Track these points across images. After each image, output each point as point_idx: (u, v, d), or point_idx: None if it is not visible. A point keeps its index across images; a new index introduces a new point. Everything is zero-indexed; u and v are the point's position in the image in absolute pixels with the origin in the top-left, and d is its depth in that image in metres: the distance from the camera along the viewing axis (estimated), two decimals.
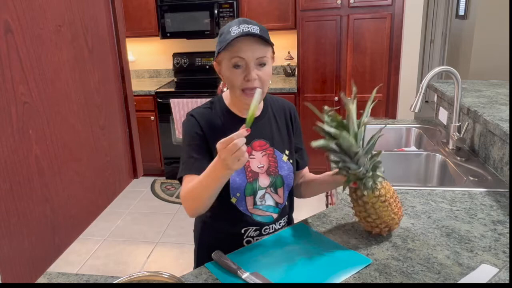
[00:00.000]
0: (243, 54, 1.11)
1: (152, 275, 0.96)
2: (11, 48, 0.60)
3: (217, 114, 1.23)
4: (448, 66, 1.78)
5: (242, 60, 1.12)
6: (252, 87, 1.13)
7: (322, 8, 3.49)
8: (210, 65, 4.20)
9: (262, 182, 1.23)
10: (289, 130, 1.31)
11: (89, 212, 0.81)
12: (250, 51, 1.11)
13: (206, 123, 1.21)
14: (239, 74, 1.13)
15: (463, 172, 1.63)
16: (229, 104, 1.25)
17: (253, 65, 1.12)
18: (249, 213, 1.24)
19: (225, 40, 1.11)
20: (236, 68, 1.13)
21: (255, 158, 1.23)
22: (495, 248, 1.11)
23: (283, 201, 1.29)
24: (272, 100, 1.32)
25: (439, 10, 6.09)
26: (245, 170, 1.21)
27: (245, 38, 1.10)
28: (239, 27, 1.10)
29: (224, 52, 1.13)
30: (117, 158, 0.92)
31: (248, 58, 1.12)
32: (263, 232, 1.27)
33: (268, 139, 1.25)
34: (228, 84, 1.18)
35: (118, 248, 3.03)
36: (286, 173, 1.26)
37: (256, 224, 1.25)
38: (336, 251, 1.12)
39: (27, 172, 0.63)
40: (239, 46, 1.11)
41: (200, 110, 1.25)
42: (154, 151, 4.07)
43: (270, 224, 1.27)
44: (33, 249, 0.65)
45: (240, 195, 1.21)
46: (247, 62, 1.12)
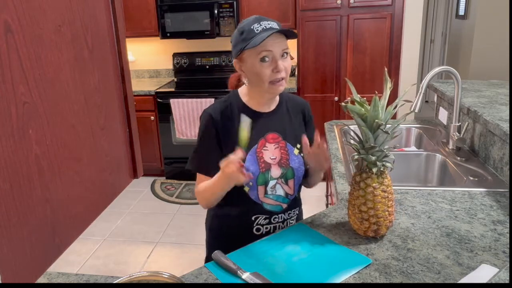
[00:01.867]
0: (271, 47, 1.19)
1: (152, 275, 0.96)
2: (11, 48, 0.60)
3: (233, 109, 1.29)
4: (448, 66, 1.77)
5: (270, 53, 1.19)
6: (280, 77, 1.21)
7: (322, 8, 3.49)
8: (210, 65, 4.20)
9: (274, 173, 1.30)
10: (302, 127, 1.39)
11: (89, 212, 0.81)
12: (277, 44, 1.19)
13: (221, 119, 1.28)
14: (267, 67, 1.20)
15: (463, 172, 1.63)
16: (246, 100, 1.31)
17: (279, 57, 1.21)
18: (259, 201, 1.31)
19: (250, 37, 1.18)
20: (263, 61, 1.20)
21: (268, 150, 1.30)
22: (495, 248, 1.11)
23: (293, 192, 1.35)
24: (288, 97, 1.39)
25: (439, 10, 6.09)
26: (259, 160, 1.28)
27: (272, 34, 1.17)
28: (260, 24, 1.19)
29: (249, 48, 1.19)
30: (117, 158, 0.92)
31: (276, 50, 1.19)
32: (273, 220, 1.33)
33: (281, 133, 1.32)
34: (254, 79, 1.24)
35: (118, 248, 3.03)
36: (297, 165, 1.33)
37: (266, 213, 1.32)
38: (336, 251, 1.12)
39: (27, 172, 0.63)
40: (266, 41, 1.17)
41: (216, 106, 1.32)
42: (154, 151, 4.07)
43: (279, 214, 1.33)
44: (33, 249, 0.65)
45: (252, 184, 1.29)
46: (274, 54, 1.20)
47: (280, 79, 1.22)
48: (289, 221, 1.37)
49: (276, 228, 1.35)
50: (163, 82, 4.24)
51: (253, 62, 1.21)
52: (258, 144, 1.29)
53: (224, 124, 1.28)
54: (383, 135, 1.10)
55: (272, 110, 1.33)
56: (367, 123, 1.11)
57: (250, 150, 1.27)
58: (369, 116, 1.09)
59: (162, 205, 3.67)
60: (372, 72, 3.53)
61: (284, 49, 1.21)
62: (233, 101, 1.31)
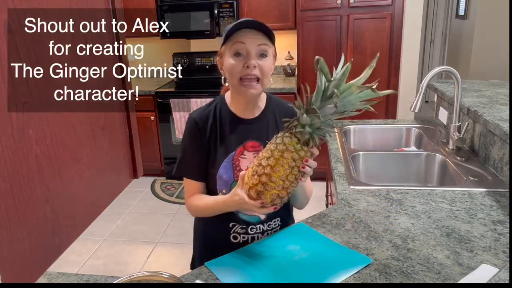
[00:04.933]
0: (244, 40, 1.12)
1: (152, 275, 0.96)
2: (11, 48, 0.60)
3: (217, 114, 1.25)
4: (448, 66, 1.77)
5: (243, 46, 1.13)
6: (251, 74, 1.13)
7: (322, 8, 3.48)
8: (210, 65, 4.20)
9: None
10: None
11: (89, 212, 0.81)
12: (251, 37, 1.13)
13: (205, 124, 1.23)
14: (239, 61, 1.14)
15: (463, 172, 1.63)
16: (230, 104, 1.26)
17: (254, 53, 1.14)
18: (235, 211, 1.24)
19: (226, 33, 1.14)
20: (237, 56, 1.14)
21: (246, 158, 1.24)
22: (495, 248, 1.11)
23: None
24: (276, 103, 1.30)
25: (439, 10, 6.09)
26: (234, 168, 1.23)
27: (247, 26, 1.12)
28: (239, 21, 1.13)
29: (226, 43, 1.15)
30: (117, 158, 0.92)
31: (250, 44, 1.13)
32: (250, 231, 1.26)
33: (261, 141, 1.25)
34: (228, 76, 1.19)
35: (118, 248, 3.03)
36: None
37: (242, 222, 1.26)
38: (336, 251, 1.12)
39: (27, 172, 0.63)
40: (241, 33, 1.12)
41: (200, 111, 1.27)
42: (154, 151, 4.07)
43: (257, 224, 1.26)
44: (33, 249, 0.65)
45: (226, 192, 1.23)
46: (248, 49, 1.13)
47: (251, 78, 1.14)
48: (269, 232, 1.29)
49: (254, 238, 1.27)
50: (163, 82, 4.24)
51: (228, 56, 1.16)
52: (236, 151, 1.23)
53: (209, 128, 1.24)
54: (332, 107, 0.99)
55: (256, 116, 1.25)
56: (324, 88, 1.01)
57: (227, 156, 1.22)
58: (332, 83, 1.00)
59: (162, 205, 3.67)
60: (372, 72, 3.52)
61: (261, 44, 1.13)
62: (219, 106, 1.26)
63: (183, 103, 3.74)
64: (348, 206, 1.38)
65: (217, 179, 1.22)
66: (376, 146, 2.28)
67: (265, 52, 1.15)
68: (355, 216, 1.31)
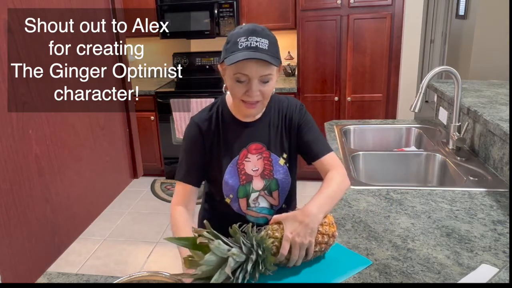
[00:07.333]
0: (247, 71, 1.09)
1: (152, 275, 0.96)
2: (11, 48, 0.60)
3: (219, 118, 1.25)
4: (448, 66, 1.77)
5: (245, 76, 1.10)
6: (252, 101, 1.13)
7: (322, 8, 3.48)
8: (210, 65, 4.20)
9: (255, 185, 1.25)
10: (291, 133, 1.28)
11: (89, 212, 0.81)
12: (255, 69, 1.09)
13: (207, 129, 1.24)
14: (241, 87, 1.12)
15: (463, 172, 1.63)
16: (231, 107, 1.26)
17: (257, 82, 1.11)
18: (243, 213, 1.27)
19: (231, 51, 1.09)
20: (238, 82, 1.11)
21: (250, 161, 1.24)
22: (495, 248, 1.11)
23: (279, 203, 1.29)
24: (277, 102, 1.29)
25: (439, 10, 6.09)
26: (239, 173, 1.24)
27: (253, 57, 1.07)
28: (247, 40, 1.08)
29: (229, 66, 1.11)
30: (117, 158, 0.92)
31: (252, 75, 1.09)
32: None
33: (264, 143, 1.25)
34: (230, 90, 1.17)
35: (118, 248, 3.03)
36: (282, 176, 1.26)
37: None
38: (336, 252, 1.12)
39: (27, 172, 0.63)
40: (244, 63, 1.07)
41: (202, 115, 1.26)
42: (154, 151, 4.07)
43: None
44: (33, 249, 0.65)
45: (233, 197, 1.25)
46: (250, 78, 1.10)
47: (252, 102, 1.13)
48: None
49: None
50: (163, 82, 4.24)
51: (229, 77, 1.13)
52: (239, 155, 1.23)
53: (212, 133, 1.23)
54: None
55: (257, 119, 1.25)
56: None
57: (231, 161, 1.23)
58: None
59: (162, 205, 3.67)
60: (372, 72, 3.53)
61: (264, 75, 1.10)
62: (220, 109, 1.26)
63: (183, 103, 3.74)
64: (348, 206, 1.38)
65: (223, 185, 1.24)
66: (376, 146, 2.28)
67: (268, 79, 1.12)
68: (355, 216, 1.31)
